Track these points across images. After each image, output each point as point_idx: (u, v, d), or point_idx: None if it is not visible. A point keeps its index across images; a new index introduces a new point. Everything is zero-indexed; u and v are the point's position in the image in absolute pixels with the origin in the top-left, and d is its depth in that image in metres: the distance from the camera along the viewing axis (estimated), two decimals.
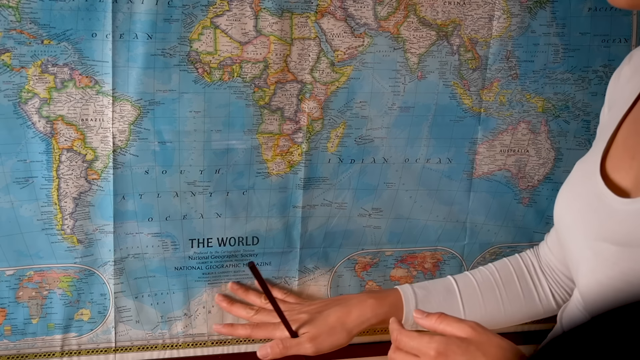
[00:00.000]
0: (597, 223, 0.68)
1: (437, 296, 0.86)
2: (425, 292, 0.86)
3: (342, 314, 0.85)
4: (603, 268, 0.66)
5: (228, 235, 0.90)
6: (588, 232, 0.69)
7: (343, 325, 0.84)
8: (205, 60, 0.82)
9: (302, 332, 0.84)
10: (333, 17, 0.85)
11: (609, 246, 0.65)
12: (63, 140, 0.81)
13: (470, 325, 0.66)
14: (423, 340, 0.66)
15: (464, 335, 0.66)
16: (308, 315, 0.85)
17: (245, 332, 0.88)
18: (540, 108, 0.94)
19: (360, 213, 0.93)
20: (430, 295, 0.86)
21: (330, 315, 0.85)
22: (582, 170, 0.75)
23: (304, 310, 0.87)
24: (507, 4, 0.89)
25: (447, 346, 0.65)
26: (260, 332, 0.87)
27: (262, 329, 0.87)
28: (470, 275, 0.88)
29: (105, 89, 0.81)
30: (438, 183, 0.94)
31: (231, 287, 0.92)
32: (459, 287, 0.87)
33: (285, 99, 0.86)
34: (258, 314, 0.89)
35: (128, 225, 0.86)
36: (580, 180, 0.74)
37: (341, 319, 0.84)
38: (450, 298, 0.86)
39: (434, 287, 0.88)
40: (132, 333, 0.90)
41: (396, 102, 0.89)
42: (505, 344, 0.65)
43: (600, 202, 0.67)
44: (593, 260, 0.68)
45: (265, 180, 0.89)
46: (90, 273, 0.87)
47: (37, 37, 0.77)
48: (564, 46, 0.91)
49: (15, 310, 0.85)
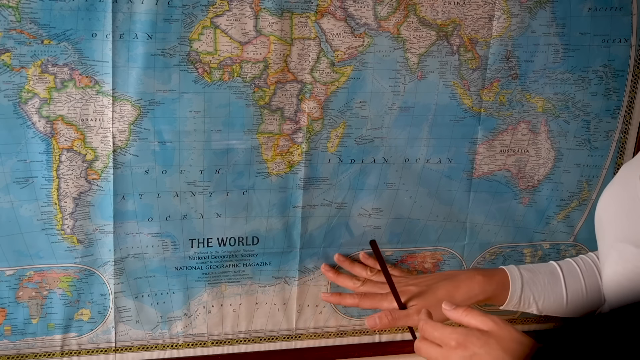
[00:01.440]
0: (626, 224, 0.69)
1: (542, 278, 0.88)
2: (530, 274, 0.88)
3: (451, 288, 0.86)
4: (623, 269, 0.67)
5: (228, 235, 0.90)
6: (617, 233, 0.70)
7: (451, 299, 0.84)
8: (205, 60, 0.82)
9: (411, 304, 0.85)
10: (333, 17, 0.85)
11: (631, 248, 0.66)
12: (63, 140, 0.81)
13: (493, 319, 0.68)
14: (446, 331, 0.69)
15: (486, 328, 0.68)
16: (417, 287, 0.86)
17: (353, 301, 0.89)
18: (540, 108, 0.94)
19: (360, 213, 0.93)
20: (536, 277, 0.88)
21: (439, 289, 0.86)
22: (625, 172, 0.76)
23: (412, 283, 0.88)
24: (507, 4, 0.89)
25: (467, 337, 0.67)
26: (367, 302, 0.88)
27: (370, 299, 0.88)
28: (573, 262, 0.90)
29: (105, 89, 0.81)
30: (438, 183, 0.94)
31: (337, 259, 0.94)
32: (563, 272, 0.89)
33: (285, 99, 0.86)
34: (365, 285, 0.90)
35: (128, 225, 0.86)
36: (622, 182, 0.75)
37: (450, 292, 0.86)
38: (555, 281, 0.88)
39: (539, 269, 0.89)
40: (132, 333, 0.90)
41: (396, 102, 0.89)
42: (525, 339, 0.66)
43: (635, 204, 0.68)
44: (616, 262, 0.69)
45: (265, 180, 0.89)
46: (90, 273, 0.87)
47: (37, 37, 0.77)
48: (564, 46, 0.91)
49: (15, 310, 0.85)
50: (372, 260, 0.94)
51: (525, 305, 0.87)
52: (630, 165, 0.77)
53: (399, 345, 0.99)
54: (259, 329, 0.95)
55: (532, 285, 0.87)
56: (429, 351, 0.71)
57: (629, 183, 0.72)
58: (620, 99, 0.94)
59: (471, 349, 0.66)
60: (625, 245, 0.67)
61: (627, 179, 0.74)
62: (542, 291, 0.87)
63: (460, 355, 0.67)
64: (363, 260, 0.95)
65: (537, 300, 0.87)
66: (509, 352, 0.65)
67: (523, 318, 1.03)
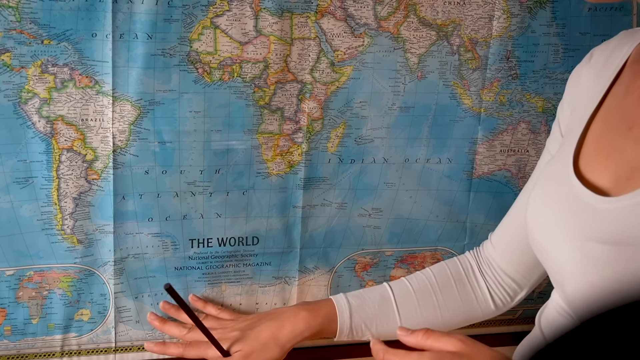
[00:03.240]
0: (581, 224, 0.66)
1: (371, 304, 0.84)
2: (359, 300, 0.85)
3: (275, 329, 0.83)
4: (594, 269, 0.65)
5: (228, 235, 0.90)
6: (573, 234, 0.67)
7: (276, 340, 0.82)
8: (205, 60, 0.82)
9: (235, 349, 0.82)
10: (333, 17, 0.85)
11: (599, 246, 0.64)
12: (63, 140, 0.81)
13: (458, 338, 0.64)
14: (412, 358, 0.64)
15: (453, 349, 0.63)
16: (240, 332, 0.84)
17: (177, 350, 0.86)
18: (540, 108, 0.94)
19: (360, 213, 0.94)
20: (365, 303, 0.84)
21: (262, 332, 0.83)
22: (553, 173, 0.73)
23: (237, 328, 0.85)
24: (507, 4, 0.89)
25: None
26: (193, 351, 0.85)
27: (195, 348, 0.84)
28: (406, 281, 0.87)
29: (105, 89, 0.81)
30: (438, 183, 0.94)
31: (162, 307, 0.90)
32: (394, 293, 0.85)
33: (285, 99, 0.86)
34: (191, 332, 0.86)
35: (128, 225, 0.86)
36: (553, 183, 0.72)
37: (274, 334, 0.83)
38: (385, 305, 0.85)
39: (368, 295, 0.86)
40: (132, 333, 0.90)
41: (396, 102, 0.89)
42: (497, 354, 0.63)
43: (580, 202, 0.66)
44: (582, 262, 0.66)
45: (265, 180, 0.89)
46: (90, 273, 0.87)
47: (37, 37, 0.77)
48: (564, 46, 0.92)
49: (15, 310, 0.85)
50: (201, 303, 0.91)
51: (358, 333, 0.84)
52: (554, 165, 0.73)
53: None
54: None
55: (361, 312, 0.84)
56: None
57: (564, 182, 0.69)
58: None
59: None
60: (590, 244, 0.65)
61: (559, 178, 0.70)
62: (374, 317, 0.84)
63: None
64: (192, 302, 0.91)
65: (369, 327, 0.84)
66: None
67: (522, 318, 1.03)
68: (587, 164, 0.69)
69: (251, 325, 0.85)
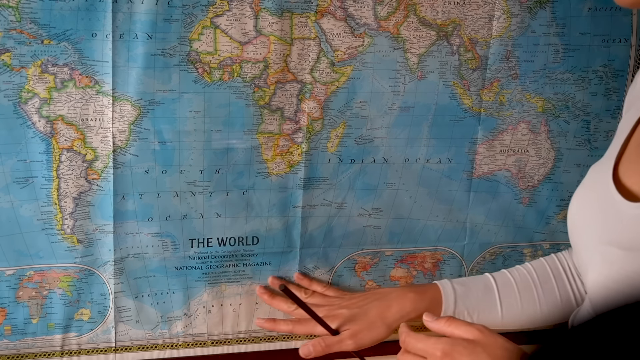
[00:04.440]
0: (605, 227, 0.68)
1: (475, 292, 0.87)
2: (464, 288, 0.87)
3: (382, 309, 0.85)
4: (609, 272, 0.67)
5: (228, 235, 0.90)
6: (597, 236, 0.69)
7: (383, 320, 0.84)
8: (205, 60, 0.82)
9: (343, 328, 0.84)
10: (333, 17, 0.85)
11: (616, 250, 0.65)
12: (63, 140, 0.81)
13: (477, 327, 0.67)
14: (430, 342, 0.68)
15: (471, 337, 0.67)
16: (347, 310, 0.86)
17: (287, 327, 0.88)
18: (540, 108, 0.94)
19: (360, 213, 0.94)
20: (469, 291, 0.87)
21: (370, 311, 0.85)
22: (595, 175, 0.75)
23: (344, 305, 0.87)
24: (507, 4, 0.89)
25: (453, 347, 0.66)
26: (302, 328, 0.87)
27: (304, 325, 0.87)
28: (508, 274, 0.89)
29: (105, 89, 0.81)
30: (438, 183, 0.94)
31: (271, 282, 0.92)
32: (497, 285, 0.88)
33: (285, 99, 0.86)
34: (299, 309, 0.87)
35: (128, 225, 0.86)
36: (593, 185, 0.74)
37: (381, 313, 0.85)
38: (489, 295, 0.87)
39: (472, 283, 0.88)
40: (132, 333, 0.90)
41: (396, 102, 0.89)
42: (511, 346, 0.65)
43: (611, 206, 0.68)
44: (600, 264, 0.68)
45: (265, 180, 0.89)
46: (90, 273, 0.87)
47: (37, 37, 0.77)
48: (564, 46, 0.91)
49: (15, 310, 0.85)
50: (306, 281, 0.93)
51: None
52: (599, 166, 0.76)
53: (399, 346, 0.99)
54: (259, 329, 0.95)
55: (465, 300, 0.86)
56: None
57: (602, 184, 0.71)
58: (620, 99, 0.94)
59: (458, 358, 0.65)
60: (609, 248, 0.67)
61: (598, 180, 0.73)
62: (476, 305, 0.86)
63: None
64: (297, 281, 0.93)
65: (471, 314, 0.86)
66: (496, 358, 0.64)
67: None
68: (626, 168, 0.70)
69: (358, 304, 0.86)
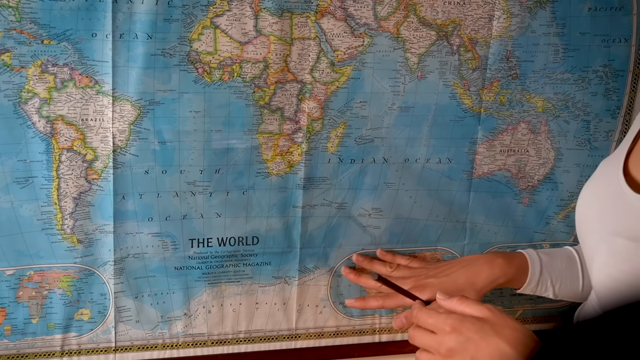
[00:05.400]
0: (614, 218, 0.69)
1: (560, 262, 0.88)
2: (549, 257, 0.88)
3: (471, 275, 0.86)
4: (616, 262, 0.68)
5: (228, 235, 0.90)
6: (605, 227, 0.71)
7: (473, 286, 0.85)
8: (205, 60, 0.82)
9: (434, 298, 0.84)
10: (333, 17, 0.85)
11: (623, 241, 0.66)
12: (63, 140, 0.81)
13: (488, 307, 0.69)
14: (440, 317, 0.69)
15: (481, 315, 0.68)
16: (436, 279, 0.86)
17: (377, 303, 0.90)
18: (540, 108, 0.94)
19: (360, 213, 0.94)
20: (554, 260, 0.88)
21: (458, 278, 0.86)
22: (605, 168, 0.77)
23: (431, 275, 0.87)
24: (507, 4, 0.89)
25: (462, 323, 0.68)
26: (391, 301, 0.88)
27: (393, 299, 0.88)
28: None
29: (105, 89, 0.81)
30: (438, 183, 0.94)
31: (356, 259, 0.93)
32: (580, 256, 0.89)
33: (285, 99, 0.86)
34: None
35: (128, 225, 0.86)
36: (603, 178, 0.76)
37: (470, 279, 0.85)
38: (572, 266, 0.88)
39: (556, 253, 0.89)
40: (132, 333, 0.90)
41: (396, 102, 0.89)
42: (520, 327, 0.66)
43: (620, 198, 0.69)
44: (607, 255, 0.69)
45: (265, 180, 0.89)
46: (90, 273, 0.87)
47: (37, 37, 0.77)
48: (564, 46, 0.91)
49: (15, 310, 0.85)
50: (390, 255, 0.94)
51: (542, 289, 0.87)
52: (609, 160, 0.77)
53: (399, 345, 0.99)
54: (259, 329, 0.95)
55: (550, 269, 0.87)
56: (422, 339, 0.71)
57: (611, 178, 0.72)
58: (620, 99, 0.94)
59: (466, 334, 0.66)
60: (615, 238, 0.68)
61: (608, 174, 0.74)
62: (560, 275, 0.87)
63: (455, 340, 0.67)
64: (381, 256, 0.94)
65: (554, 284, 0.87)
66: (504, 337, 0.65)
67: (522, 318, 1.03)
68: (635, 161, 0.72)
69: (445, 272, 0.87)
